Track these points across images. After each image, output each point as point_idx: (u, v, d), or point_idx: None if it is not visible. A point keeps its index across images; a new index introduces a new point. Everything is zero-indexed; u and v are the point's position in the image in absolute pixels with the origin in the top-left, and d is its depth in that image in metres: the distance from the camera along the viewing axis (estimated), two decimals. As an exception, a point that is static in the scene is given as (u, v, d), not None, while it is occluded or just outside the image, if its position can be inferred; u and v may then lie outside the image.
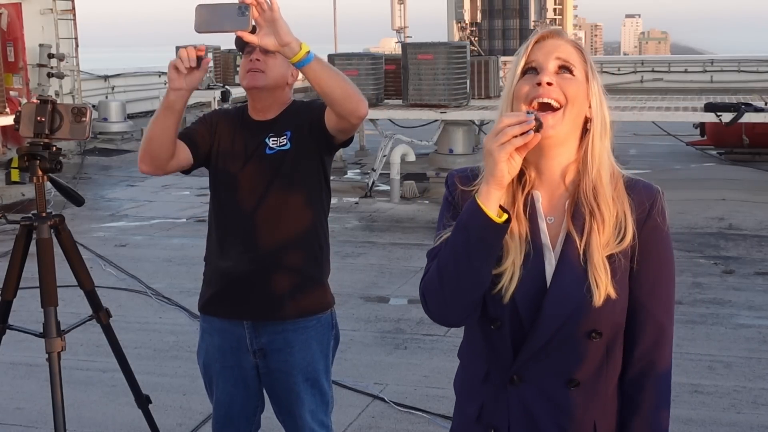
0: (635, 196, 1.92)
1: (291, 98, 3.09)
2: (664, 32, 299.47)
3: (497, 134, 1.76)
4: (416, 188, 10.88)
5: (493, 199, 1.78)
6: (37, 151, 3.07)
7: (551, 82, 1.86)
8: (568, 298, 1.88)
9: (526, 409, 1.96)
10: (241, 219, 2.95)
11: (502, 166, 1.75)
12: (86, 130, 3.09)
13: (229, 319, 3.02)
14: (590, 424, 1.97)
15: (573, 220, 1.90)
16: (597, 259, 1.87)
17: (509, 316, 1.92)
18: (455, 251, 1.84)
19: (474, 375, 2.05)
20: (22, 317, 3.95)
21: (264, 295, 2.96)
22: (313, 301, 3.03)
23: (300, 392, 3.01)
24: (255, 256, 2.95)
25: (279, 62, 2.96)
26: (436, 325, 5.96)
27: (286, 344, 2.99)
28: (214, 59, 16.64)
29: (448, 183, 2.03)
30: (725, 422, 4.52)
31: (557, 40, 1.92)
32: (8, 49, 11.34)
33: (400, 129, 11.99)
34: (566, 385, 1.94)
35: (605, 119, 1.92)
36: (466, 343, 2.12)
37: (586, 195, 1.89)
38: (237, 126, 3.01)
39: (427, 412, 4.63)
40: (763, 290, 6.79)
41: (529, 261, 1.89)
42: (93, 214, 10.00)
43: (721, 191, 10.51)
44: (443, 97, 10.82)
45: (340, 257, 7.88)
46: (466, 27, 21.32)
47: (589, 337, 1.91)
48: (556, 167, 1.92)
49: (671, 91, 17.87)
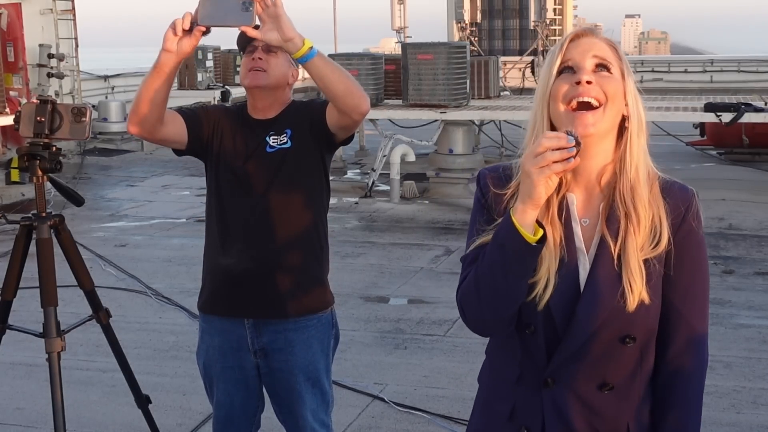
0: (671, 200, 1.90)
1: (291, 98, 3.10)
2: (664, 32, 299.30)
3: (536, 156, 1.73)
4: (416, 188, 10.88)
5: (529, 219, 1.78)
6: (37, 151, 3.07)
7: (591, 81, 1.84)
8: (601, 303, 1.87)
9: (559, 412, 1.96)
10: (243, 216, 2.95)
11: (540, 189, 1.74)
12: (86, 130, 3.09)
13: (229, 317, 3.02)
14: (624, 426, 1.97)
15: (608, 223, 1.88)
16: (633, 264, 1.85)
17: (543, 321, 1.91)
18: (492, 268, 1.84)
19: (506, 377, 2.05)
20: (22, 317, 3.95)
21: (265, 293, 2.96)
22: (314, 299, 3.03)
23: (301, 391, 3.01)
24: (256, 253, 2.94)
25: (281, 61, 2.98)
26: (436, 324, 6.01)
27: (287, 343, 2.98)
28: (214, 59, 16.63)
29: (480, 183, 2.01)
30: (725, 422, 4.52)
31: (592, 38, 1.91)
32: (8, 49, 11.34)
33: (400, 129, 11.98)
34: (600, 389, 1.94)
35: (641, 117, 1.91)
36: (497, 344, 2.10)
37: (623, 196, 1.87)
38: (237, 124, 3.01)
39: (427, 412, 4.63)
40: (763, 290, 6.80)
41: (563, 266, 1.88)
42: (93, 214, 10.00)
43: (721, 191, 10.51)
44: (443, 97, 10.82)
45: (340, 257, 7.88)
46: (466, 27, 21.29)
47: (623, 343, 1.91)
48: (593, 168, 1.90)
49: (671, 91, 17.84)
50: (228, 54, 17.39)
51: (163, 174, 12.68)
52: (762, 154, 13.00)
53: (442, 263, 7.61)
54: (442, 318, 6.14)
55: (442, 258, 7.79)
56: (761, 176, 11.79)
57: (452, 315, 6.13)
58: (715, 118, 10.32)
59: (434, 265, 7.59)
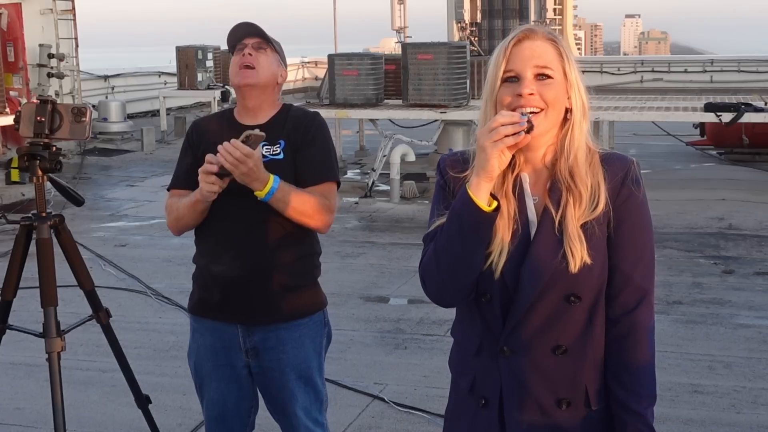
0: (609, 167, 2.04)
1: (280, 101, 3.08)
2: (664, 32, 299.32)
3: (491, 131, 1.89)
4: (416, 188, 10.88)
5: (483, 190, 1.92)
6: (37, 151, 3.07)
7: (532, 92, 1.98)
8: (543, 264, 1.99)
9: (517, 379, 2.05)
10: (234, 224, 2.93)
11: (493, 161, 1.90)
12: (86, 130, 3.09)
13: (221, 322, 3.01)
14: (581, 389, 2.05)
15: (550, 194, 2.02)
16: (572, 230, 1.98)
17: (498, 289, 2.02)
18: (450, 238, 1.97)
19: (466, 350, 2.15)
20: (22, 317, 3.95)
21: (257, 300, 2.95)
22: (306, 302, 3.03)
23: (293, 390, 3.01)
24: (247, 261, 2.93)
25: (270, 60, 2.99)
26: (436, 324, 6.01)
27: (278, 342, 2.98)
28: (214, 59, 16.62)
29: (440, 167, 2.15)
30: (725, 422, 4.52)
31: (533, 42, 2.02)
32: (8, 49, 11.34)
33: (400, 129, 11.99)
34: (553, 352, 2.03)
35: (584, 105, 2.05)
36: (459, 320, 2.22)
37: (562, 174, 2.01)
38: (224, 130, 2.95)
39: (427, 412, 4.63)
40: (763, 290, 6.79)
41: (516, 237, 2.01)
42: (93, 214, 10.00)
43: (721, 191, 10.50)
44: (443, 97, 10.82)
45: (340, 257, 7.88)
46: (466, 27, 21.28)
47: (569, 302, 2.01)
48: (539, 151, 2.04)
49: (671, 91, 17.86)
50: (228, 54, 17.35)
51: (163, 174, 12.66)
52: (762, 154, 12.99)
53: (442, 263, 7.61)
54: (442, 318, 6.13)
55: (442, 258, 7.78)
56: (761, 176, 11.78)
57: (452, 315, 6.11)
58: (715, 118, 10.33)
59: (434, 265, 7.58)
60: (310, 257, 3.05)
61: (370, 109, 11.28)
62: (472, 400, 2.12)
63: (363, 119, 13.28)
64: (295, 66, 25.34)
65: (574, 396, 2.05)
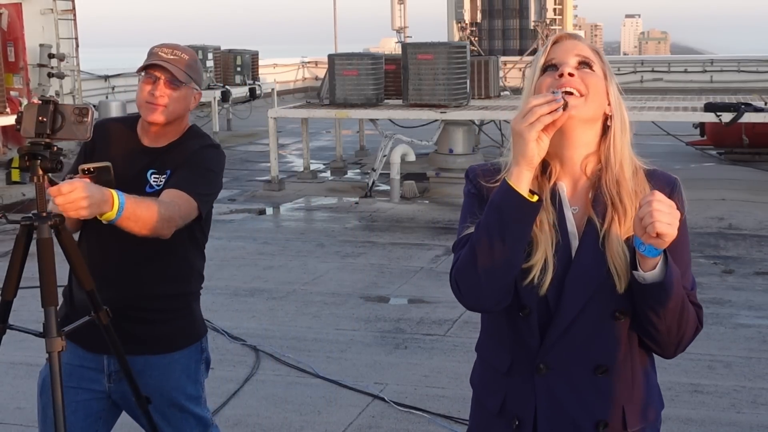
0: (655, 182, 1.97)
1: (188, 123, 2.96)
2: (664, 32, 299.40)
3: (525, 114, 1.80)
4: (416, 188, 10.88)
5: (525, 180, 1.83)
6: (38, 150, 3.07)
7: (573, 73, 1.92)
8: (589, 276, 1.91)
9: (554, 398, 1.96)
10: (105, 254, 2.83)
11: (532, 145, 1.80)
12: (88, 130, 3.08)
13: (86, 350, 2.89)
14: (619, 410, 1.98)
15: (594, 206, 1.94)
16: (616, 248, 1.90)
17: (537, 303, 1.94)
18: (489, 232, 1.86)
19: (495, 368, 2.06)
20: (22, 317, 3.95)
21: (126, 335, 2.80)
22: (181, 335, 2.94)
23: (166, 415, 2.92)
24: (116, 295, 2.81)
25: (184, 95, 2.84)
26: (436, 324, 6.01)
27: (146, 366, 2.88)
28: (214, 59, 16.63)
29: (470, 176, 2.06)
30: (725, 422, 4.53)
31: (575, 41, 1.99)
32: (8, 49, 11.33)
33: (400, 129, 11.99)
34: (594, 372, 1.96)
35: (624, 118, 1.99)
36: (487, 335, 2.13)
37: (608, 187, 1.94)
38: (123, 147, 2.86)
39: (427, 412, 4.63)
40: (763, 290, 6.80)
41: (558, 250, 1.92)
42: (93, 214, 9.99)
43: (721, 191, 10.51)
44: (443, 97, 10.82)
45: (340, 257, 7.89)
46: (466, 27, 21.32)
47: (614, 318, 1.94)
48: (578, 158, 1.97)
49: (671, 91, 17.88)
50: (228, 54, 17.39)
51: (163, 174, 12.68)
52: (762, 154, 13.00)
53: (442, 263, 7.61)
54: (442, 318, 6.14)
55: (442, 258, 7.79)
56: (761, 176, 11.79)
57: (452, 315, 6.13)
58: (715, 118, 10.33)
59: (434, 265, 7.59)
60: (187, 292, 2.94)
61: (370, 109, 11.29)
62: (501, 421, 2.02)
63: (363, 119, 13.29)
64: (295, 66, 25.37)
65: (611, 417, 1.97)
